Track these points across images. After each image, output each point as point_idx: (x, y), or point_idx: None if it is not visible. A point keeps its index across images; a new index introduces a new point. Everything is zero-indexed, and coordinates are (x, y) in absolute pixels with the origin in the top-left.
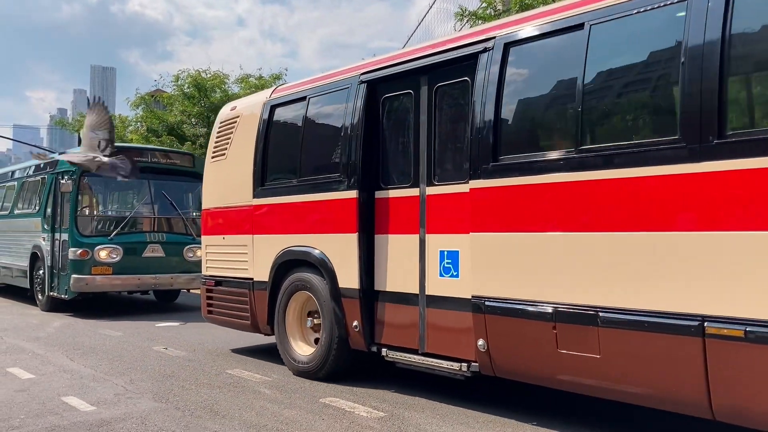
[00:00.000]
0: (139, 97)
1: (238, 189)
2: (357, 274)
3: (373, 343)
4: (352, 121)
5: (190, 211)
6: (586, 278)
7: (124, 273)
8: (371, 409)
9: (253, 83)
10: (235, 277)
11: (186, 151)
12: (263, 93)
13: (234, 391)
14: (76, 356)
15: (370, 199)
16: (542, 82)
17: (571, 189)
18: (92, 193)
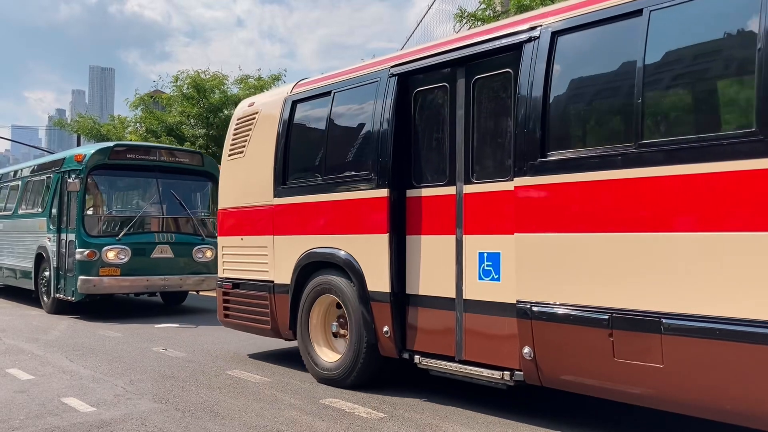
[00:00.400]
0: (138, 98)
1: (258, 188)
2: (388, 277)
3: (405, 350)
4: (381, 117)
5: (199, 210)
6: (649, 282)
7: (132, 274)
8: (371, 410)
9: (253, 84)
10: (255, 280)
11: (195, 150)
12: (283, 88)
13: (234, 392)
14: (75, 357)
15: (401, 199)
16: (595, 73)
17: (631, 186)
18: (99, 193)
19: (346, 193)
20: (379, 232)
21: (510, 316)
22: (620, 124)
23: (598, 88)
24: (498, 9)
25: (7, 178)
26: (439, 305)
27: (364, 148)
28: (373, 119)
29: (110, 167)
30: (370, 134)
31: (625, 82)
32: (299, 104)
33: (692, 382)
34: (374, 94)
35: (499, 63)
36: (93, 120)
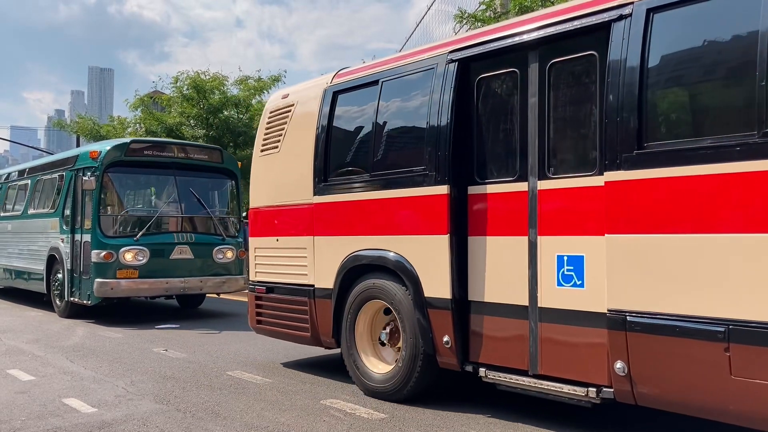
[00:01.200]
0: (138, 99)
1: (295, 185)
2: (448, 282)
3: (468, 362)
4: (439, 106)
5: (218, 209)
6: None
7: (150, 276)
8: (372, 411)
9: (252, 85)
10: (292, 284)
11: (214, 146)
12: (321, 79)
13: (235, 393)
14: (76, 358)
15: (462, 196)
16: (702, 53)
17: (754, 180)
18: (115, 191)
19: (399, 190)
20: (438, 233)
21: (598, 327)
22: (739, 110)
23: (707, 69)
24: (498, 10)
25: (14, 177)
26: (509, 313)
27: (420, 142)
28: (429, 109)
29: (126, 164)
30: (427, 126)
31: (743, 61)
32: (341, 95)
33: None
34: (430, 82)
35: (581, 45)
36: (92, 121)
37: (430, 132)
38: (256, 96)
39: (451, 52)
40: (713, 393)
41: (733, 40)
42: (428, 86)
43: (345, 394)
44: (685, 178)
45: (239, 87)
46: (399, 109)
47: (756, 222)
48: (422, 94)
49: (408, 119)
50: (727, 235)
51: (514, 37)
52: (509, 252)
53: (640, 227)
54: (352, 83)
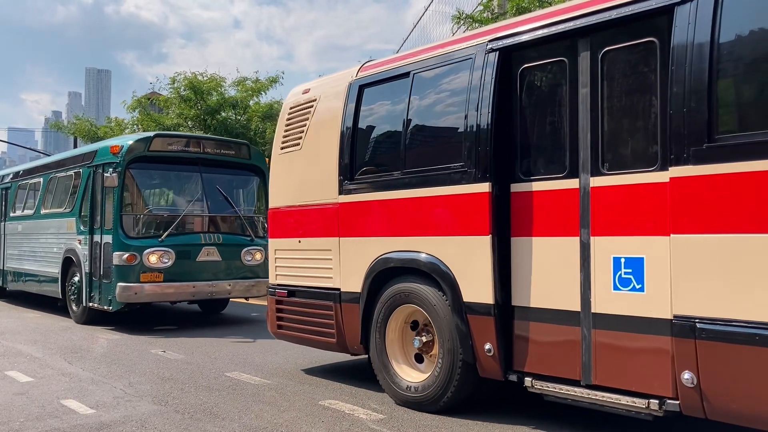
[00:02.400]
0: (135, 100)
1: (319, 184)
2: (490, 286)
3: (512, 371)
4: (478, 99)
5: (246, 208)
6: None
7: (176, 280)
8: (371, 411)
9: (250, 86)
10: (316, 287)
11: (241, 141)
12: (346, 72)
13: (233, 394)
14: (74, 359)
15: (505, 194)
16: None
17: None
18: (138, 188)
19: (434, 188)
20: (479, 234)
21: (661, 335)
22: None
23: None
24: (496, 10)
25: (24, 175)
26: (558, 320)
27: (457, 137)
28: (467, 102)
29: (149, 159)
30: (465, 120)
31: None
32: (368, 89)
33: None
34: (468, 74)
35: (639, 31)
36: (90, 122)
37: (469, 126)
38: (254, 97)
39: (490, 41)
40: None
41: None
42: (466, 78)
43: (344, 395)
44: (761, 173)
45: (237, 88)
46: (433, 103)
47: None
48: (459, 86)
49: (444, 113)
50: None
51: (561, 24)
52: (558, 254)
53: (710, 226)
54: (380, 76)
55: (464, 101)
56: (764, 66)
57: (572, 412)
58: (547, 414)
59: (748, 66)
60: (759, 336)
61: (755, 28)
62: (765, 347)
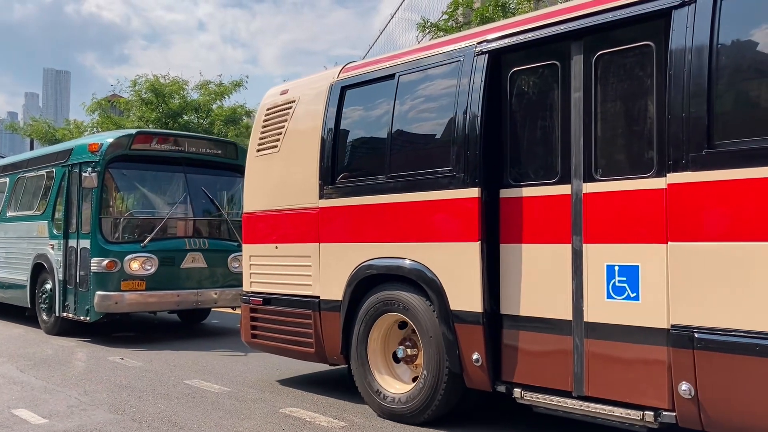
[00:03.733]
0: (95, 103)
1: (297, 188)
2: (479, 294)
3: (501, 381)
4: (467, 102)
5: (233, 211)
6: None
7: (159, 288)
8: (332, 419)
9: (213, 90)
10: (293, 295)
11: (228, 140)
12: (326, 73)
13: (192, 402)
14: (26, 368)
15: (494, 200)
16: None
17: None
18: (118, 190)
19: (420, 193)
20: (467, 240)
21: (657, 344)
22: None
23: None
24: (460, 20)
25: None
26: (549, 329)
27: (445, 141)
28: (455, 106)
29: (131, 159)
30: (453, 124)
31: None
32: (350, 90)
33: None
34: (456, 76)
35: (635, 35)
36: (47, 124)
37: (458, 130)
38: (217, 101)
39: (479, 44)
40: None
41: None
42: (454, 81)
43: (305, 403)
44: (762, 180)
45: (200, 92)
46: (420, 106)
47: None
48: (447, 89)
49: (431, 116)
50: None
51: (554, 26)
52: (549, 261)
53: (710, 234)
54: (364, 78)
55: (452, 104)
56: (766, 69)
57: (563, 425)
58: (535, 426)
59: (749, 70)
60: (759, 346)
61: (755, 31)
62: (766, 357)
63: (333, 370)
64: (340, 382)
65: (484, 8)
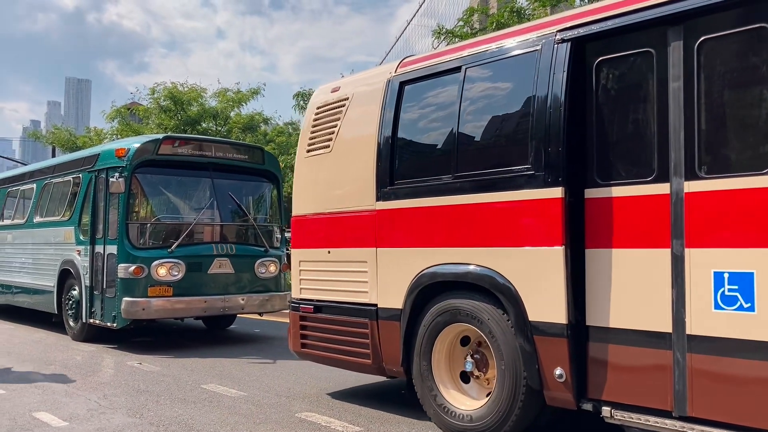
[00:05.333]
0: (115, 110)
1: (352, 190)
2: (562, 304)
3: (586, 399)
4: (547, 95)
5: (260, 216)
6: None
7: (186, 294)
8: (347, 424)
9: (231, 97)
10: (348, 302)
11: (255, 145)
12: (382, 68)
13: (209, 407)
14: (47, 371)
15: (578, 200)
16: None
17: None
18: (145, 195)
19: (493, 193)
20: (549, 245)
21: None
22: None
23: None
24: (476, 26)
25: (15, 181)
26: (644, 342)
27: (522, 137)
28: (533, 99)
29: (158, 164)
30: (531, 118)
31: None
32: (410, 86)
33: None
34: (533, 67)
35: (746, 17)
36: (69, 132)
37: (537, 125)
38: (235, 108)
39: (560, 31)
40: None
41: None
42: (531, 72)
43: (321, 408)
44: None
45: (218, 99)
46: (491, 100)
47: None
48: (523, 81)
49: (504, 111)
50: None
51: (648, 10)
52: (643, 267)
53: None
54: (425, 72)
55: (529, 98)
56: None
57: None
58: None
59: None
60: None
61: None
62: None
63: (349, 375)
64: (356, 386)
65: (500, 14)
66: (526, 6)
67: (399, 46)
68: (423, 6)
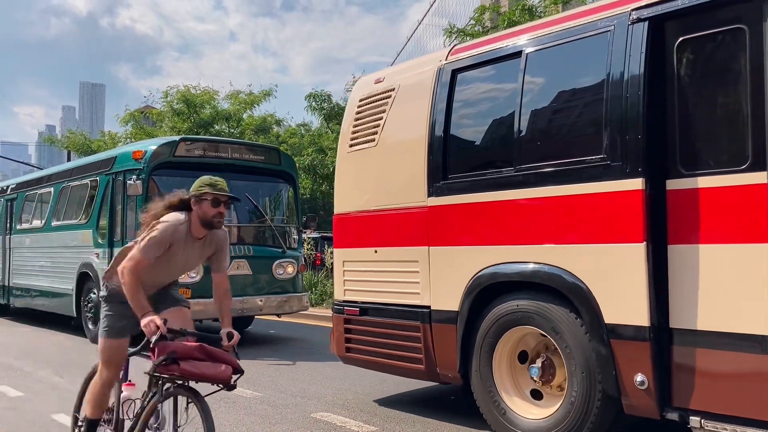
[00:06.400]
0: (129, 114)
1: (400, 185)
2: (644, 305)
3: (671, 408)
4: (623, 79)
5: (277, 218)
6: None
7: (205, 296)
8: (363, 424)
9: (243, 99)
10: (397, 304)
11: (271, 145)
12: (429, 57)
13: (225, 407)
14: (65, 373)
15: (659, 192)
16: None
17: None
18: (161, 197)
19: (562, 186)
20: (628, 241)
21: None
22: None
23: None
24: (488, 25)
25: (33, 185)
26: (740, 346)
27: (594, 125)
28: (606, 83)
29: (175, 165)
30: (603, 104)
31: None
32: (463, 73)
33: None
34: (604, 49)
35: None
36: (84, 136)
37: (612, 111)
38: (247, 110)
39: (635, 10)
40: None
41: None
42: (602, 54)
43: (336, 408)
44: None
45: (230, 101)
46: (556, 86)
47: None
48: (593, 65)
49: (572, 97)
50: None
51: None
52: (736, 265)
53: None
54: (481, 58)
55: (602, 82)
56: None
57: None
58: None
59: None
60: None
61: None
62: None
63: (364, 375)
64: (370, 386)
65: (511, 12)
66: (538, 3)
67: (410, 46)
68: (434, 5)
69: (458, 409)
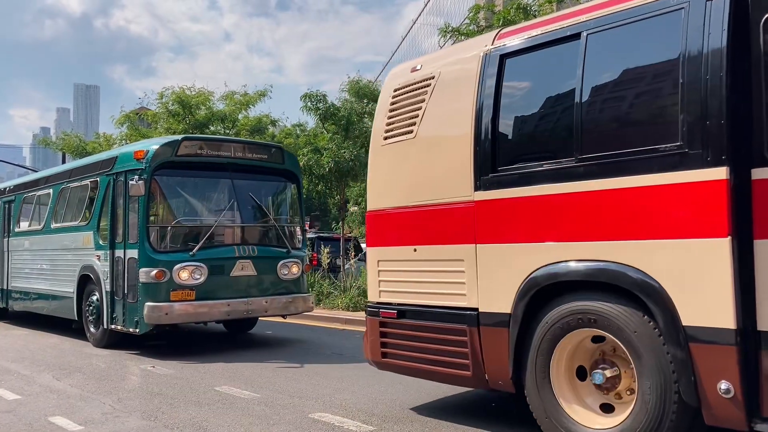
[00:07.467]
0: (124, 116)
1: (443, 179)
2: (729, 306)
3: (760, 419)
4: (701, 59)
5: (281, 217)
6: None
7: (209, 298)
8: (361, 424)
9: (238, 99)
10: (440, 307)
11: (274, 144)
12: (473, 42)
13: (222, 408)
14: (62, 376)
15: (743, 183)
16: None
17: None
18: (164, 197)
19: (631, 177)
20: (709, 236)
21: None
22: None
23: None
24: (482, 24)
25: (31, 186)
26: None
27: (668, 110)
28: (681, 65)
29: (177, 165)
30: (678, 88)
31: None
32: (512, 59)
33: None
34: (678, 28)
35: None
36: (78, 138)
37: (690, 95)
38: (243, 111)
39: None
40: None
41: None
42: (675, 33)
43: (333, 408)
44: None
45: (225, 102)
46: (622, 69)
47: None
48: (664, 45)
49: (640, 81)
50: None
51: None
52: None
53: None
54: (532, 42)
55: (676, 63)
56: None
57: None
58: None
59: None
60: None
61: None
62: None
63: (362, 375)
64: (366, 386)
65: (506, 11)
66: (532, 2)
67: (405, 45)
68: (429, 4)
69: (457, 410)
